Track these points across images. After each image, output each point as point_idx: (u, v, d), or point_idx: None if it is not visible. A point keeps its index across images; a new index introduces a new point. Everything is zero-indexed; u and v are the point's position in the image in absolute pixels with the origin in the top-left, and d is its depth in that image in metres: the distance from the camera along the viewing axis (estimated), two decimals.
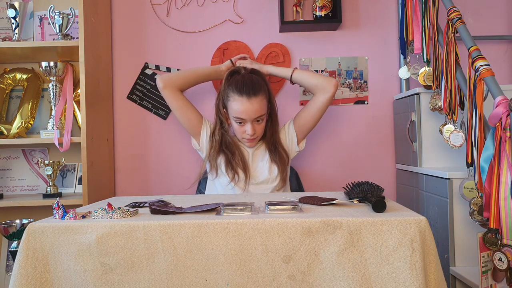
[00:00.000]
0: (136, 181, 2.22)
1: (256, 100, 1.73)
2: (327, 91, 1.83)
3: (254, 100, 1.73)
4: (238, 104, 1.74)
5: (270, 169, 1.81)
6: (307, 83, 1.89)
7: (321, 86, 1.84)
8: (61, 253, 1.06)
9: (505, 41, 2.22)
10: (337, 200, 1.22)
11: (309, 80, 1.88)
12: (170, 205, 1.24)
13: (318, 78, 1.87)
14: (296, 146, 1.90)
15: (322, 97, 1.84)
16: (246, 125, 1.77)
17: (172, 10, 2.22)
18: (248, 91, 1.73)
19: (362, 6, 2.21)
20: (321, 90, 1.84)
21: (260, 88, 1.76)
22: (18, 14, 1.98)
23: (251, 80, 1.77)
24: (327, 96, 1.84)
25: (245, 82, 1.76)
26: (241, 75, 1.80)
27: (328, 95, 1.84)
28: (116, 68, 2.22)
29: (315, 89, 1.86)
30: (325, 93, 1.84)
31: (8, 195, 2.14)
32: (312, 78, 1.88)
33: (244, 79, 1.77)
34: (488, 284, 1.27)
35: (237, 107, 1.74)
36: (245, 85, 1.74)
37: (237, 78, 1.80)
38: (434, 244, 1.03)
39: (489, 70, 1.33)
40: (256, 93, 1.74)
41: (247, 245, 1.03)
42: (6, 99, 2.18)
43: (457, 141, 1.57)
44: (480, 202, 1.37)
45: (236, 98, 1.75)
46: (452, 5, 1.54)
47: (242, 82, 1.76)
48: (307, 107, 1.89)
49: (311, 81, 1.87)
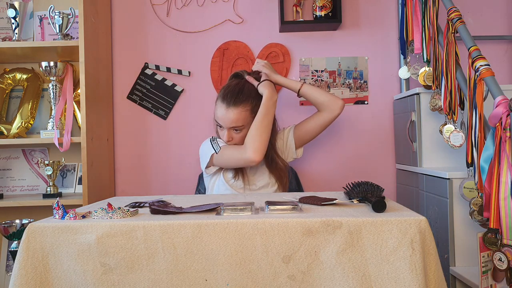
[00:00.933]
0: (136, 181, 2.22)
1: (235, 111, 1.72)
2: (332, 111, 1.83)
3: (232, 110, 1.72)
4: (218, 109, 1.76)
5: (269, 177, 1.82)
6: (314, 100, 1.86)
7: (327, 105, 1.83)
8: (61, 253, 1.05)
9: (505, 41, 2.22)
10: (337, 200, 1.22)
11: (317, 97, 1.85)
12: (170, 205, 1.24)
13: (325, 96, 1.85)
14: (294, 152, 1.90)
15: (327, 116, 1.85)
16: (224, 131, 1.78)
17: (172, 10, 2.22)
18: (229, 100, 1.73)
19: (362, 6, 2.21)
20: (327, 109, 1.84)
21: (244, 100, 1.73)
22: (18, 14, 1.98)
23: (239, 89, 1.75)
24: (332, 116, 1.84)
25: (231, 90, 1.75)
26: (233, 82, 1.80)
27: (333, 115, 1.84)
28: (116, 68, 2.22)
29: (321, 107, 1.85)
30: (330, 113, 1.84)
31: (8, 195, 2.14)
32: (320, 95, 1.85)
33: (232, 87, 1.77)
34: (488, 284, 1.27)
35: (217, 112, 1.77)
36: (229, 93, 1.74)
37: (229, 83, 1.81)
38: (434, 244, 1.03)
39: (489, 70, 1.33)
40: (237, 104, 1.72)
41: (247, 245, 1.03)
42: (6, 99, 2.18)
43: (457, 141, 1.57)
44: (480, 202, 1.37)
45: (218, 102, 1.76)
46: (452, 5, 1.54)
47: (228, 89, 1.77)
48: (310, 121, 1.89)
49: (318, 98, 1.84)
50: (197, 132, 2.20)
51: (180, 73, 2.20)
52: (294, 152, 1.90)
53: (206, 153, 1.79)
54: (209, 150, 1.78)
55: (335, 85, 2.20)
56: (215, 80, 2.20)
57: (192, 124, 2.21)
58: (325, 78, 2.20)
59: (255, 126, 1.71)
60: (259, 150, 1.68)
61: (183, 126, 2.22)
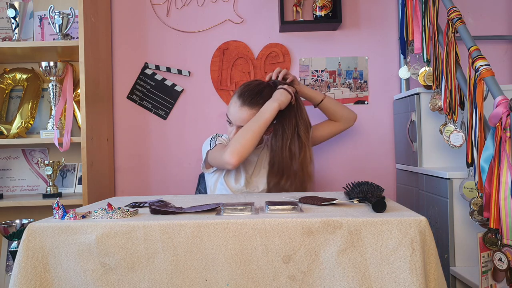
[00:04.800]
0: (136, 181, 2.22)
1: (248, 112, 1.70)
2: (348, 124, 1.96)
3: (245, 109, 1.71)
4: (232, 105, 1.75)
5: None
6: (333, 112, 1.92)
7: (345, 118, 1.94)
8: (61, 253, 1.05)
9: (505, 41, 2.22)
10: (337, 200, 1.22)
11: (337, 110, 1.93)
12: (170, 205, 1.24)
13: (344, 110, 1.95)
14: None
15: (342, 128, 1.95)
16: (232, 127, 1.76)
17: (172, 10, 2.22)
18: (245, 98, 1.71)
19: (362, 6, 2.21)
20: (344, 121, 1.94)
21: (260, 103, 1.70)
22: (18, 14, 1.98)
23: (258, 91, 1.73)
24: (346, 128, 1.96)
25: (250, 89, 1.74)
26: (255, 82, 1.79)
27: (347, 126, 1.96)
28: (116, 68, 2.22)
29: (339, 119, 1.93)
30: (345, 125, 1.95)
31: (8, 195, 2.14)
32: (340, 109, 1.94)
33: (252, 86, 1.75)
34: (488, 284, 1.27)
35: (230, 107, 1.76)
36: (247, 92, 1.73)
37: (251, 82, 1.81)
38: (434, 244, 1.03)
39: (489, 70, 1.33)
40: (252, 105, 1.70)
41: (247, 245, 1.03)
42: (6, 99, 2.18)
43: (457, 141, 1.57)
44: (480, 202, 1.37)
45: (234, 98, 1.75)
46: (452, 5, 1.54)
47: (247, 88, 1.75)
48: (325, 128, 1.93)
49: (338, 112, 1.93)
50: (197, 132, 2.20)
51: (180, 73, 2.20)
52: None
53: (204, 150, 1.80)
54: (206, 146, 1.78)
55: (335, 85, 2.20)
56: (215, 80, 2.20)
57: (192, 124, 2.21)
58: (325, 78, 2.20)
59: (242, 129, 1.67)
60: (236, 154, 1.59)
61: (183, 126, 2.22)
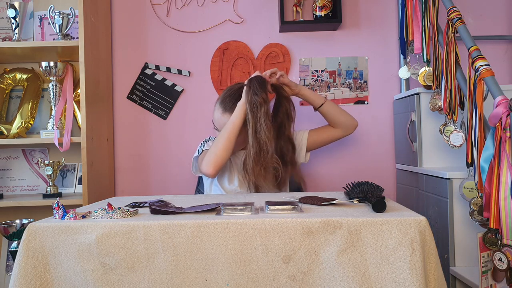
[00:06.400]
0: (136, 181, 2.22)
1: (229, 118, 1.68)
2: (347, 131, 1.88)
3: (226, 116, 1.71)
4: (215, 112, 1.76)
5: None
6: (333, 117, 1.85)
7: (345, 125, 1.86)
8: (61, 253, 1.05)
9: (505, 41, 2.22)
10: (337, 200, 1.22)
11: (337, 116, 1.85)
12: (170, 205, 1.24)
13: (345, 116, 1.86)
14: (303, 157, 1.87)
15: (341, 134, 1.89)
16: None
17: (172, 10, 2.22)
18: (226, 104, 1.72)
19: (362, 6, 2.21)
20: (343, 128, 1.87)
21: None
22: (18, 14, 1.98)
23: (238, 96, 1.70)
24: (345, 135, 1.89)
25: (231, 95, 1.73)
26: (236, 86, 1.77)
27: (347, 133, 1.89)
28: (116, 68, 2.22)
29: (338, 125, 1.86)
30: (345, 131, 1.88)
31: (8, 195, 2.14)
32: (340, 115, 1.86)
33: (233, 91, 1.74)
34: (488, 284, 1.27)
35: (214, 114, 1.77)
36: (228, 97, 1.73)
37: (232, 86, 1.80)
38: (434, 244, 1.03)
39: (489, 70, 1.32)
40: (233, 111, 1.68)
41: (247, 245, 1.03)
42: (6, 99, 2.18)
43: (457, 141, 1.57)
44: (480, 202, 1.37)
45: (217, 105, 1.76)
46: (452, 5, 1.54)
47: (228, 93, 1.75)
48: (323, 134, 1.89)
49: (338, 117, 1.85)
50: (197, 132, 2.20)
51: (180, 73, 2.20)
52: (303, 156, 1.88)
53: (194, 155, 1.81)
54: (196, 152, 1.80)
55: (335, 85, 2.20)
56: (215, 80, 2.20)
57: (192, 124, 2.21)
58: (325, 78, 2.20)
59: (216, 138, 1.68)
60: (211, 164, 1.62)
61: (183, 126, 2.22)
